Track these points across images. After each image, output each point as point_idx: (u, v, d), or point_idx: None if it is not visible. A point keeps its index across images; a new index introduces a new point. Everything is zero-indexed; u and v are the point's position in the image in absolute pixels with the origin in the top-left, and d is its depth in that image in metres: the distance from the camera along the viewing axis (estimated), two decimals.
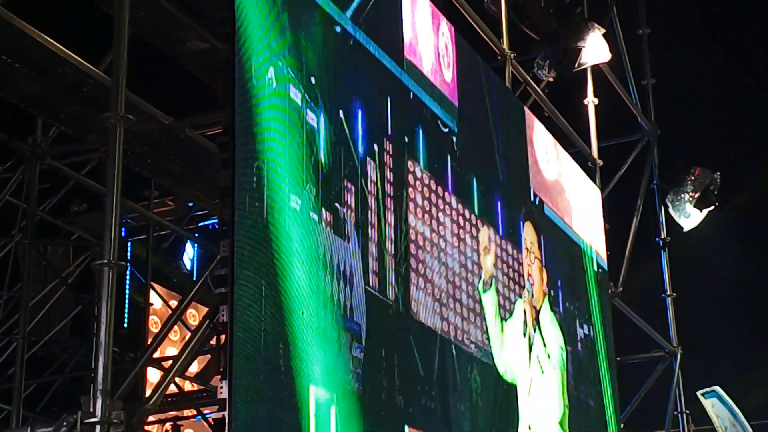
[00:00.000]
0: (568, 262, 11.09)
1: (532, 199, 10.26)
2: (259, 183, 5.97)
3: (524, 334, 9.51)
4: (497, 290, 9.06)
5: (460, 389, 8.06)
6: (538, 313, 9.89)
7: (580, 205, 11.73)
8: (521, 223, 9.92)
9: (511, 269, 9.45)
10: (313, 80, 6.61)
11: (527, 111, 10.61)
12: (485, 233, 9.03)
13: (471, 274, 8.62)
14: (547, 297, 10.12)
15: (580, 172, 11.84)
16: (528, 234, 10.02)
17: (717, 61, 17.60)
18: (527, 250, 9.90)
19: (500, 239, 9.32)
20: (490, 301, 8.97)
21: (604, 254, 12.20)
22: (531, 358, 9.59)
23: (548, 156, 10.88)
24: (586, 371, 10.95)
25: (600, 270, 12.01)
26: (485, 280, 8.93)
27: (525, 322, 9.54)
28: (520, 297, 9.51)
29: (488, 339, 8.75)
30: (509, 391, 9.01)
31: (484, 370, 8.55)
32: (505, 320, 9.14)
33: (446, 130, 8.58)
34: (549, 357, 10.04)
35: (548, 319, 10.14)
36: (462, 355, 8.17)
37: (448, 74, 8.78)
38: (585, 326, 11.17)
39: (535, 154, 10.55)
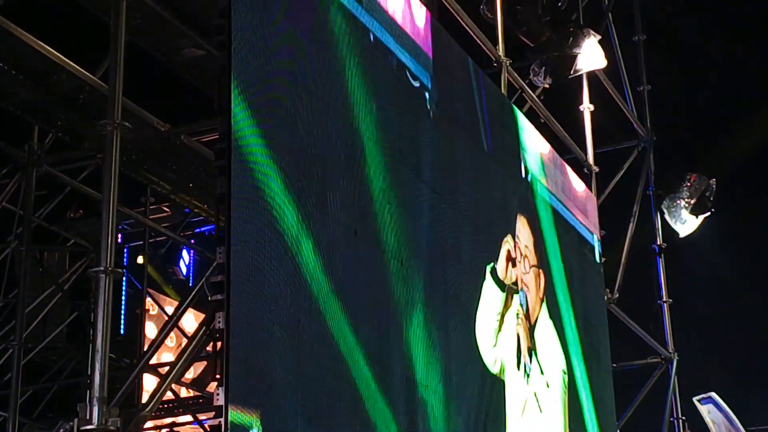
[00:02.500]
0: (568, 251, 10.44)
1: (523, 175, 9.50)
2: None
3: (518, 366, 8.58)
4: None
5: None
6: (533, 328, 9.06)
7: (576, 191, 11.41)
8: (514, 217, 9.05)
9: None
10: None
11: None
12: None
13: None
14: (544, 303, 9.47)
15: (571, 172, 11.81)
16: (522, 233, 9.10)
17: (713, 68, 17.63)
18: (521, 254, 8.99)
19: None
20: (496, 295, 8.28)
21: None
22: (527, 392, 8.77)
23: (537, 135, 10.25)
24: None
25: (602, 261, 11.91)
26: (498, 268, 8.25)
27: (519, 351, 8.57)
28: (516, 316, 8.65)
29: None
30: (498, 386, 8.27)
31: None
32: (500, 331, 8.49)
33: (417, 84, 7.61)
34: (548, 386, 9.08)
35: (547, 333, 9.34)
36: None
37: (421, 19, 7.61)
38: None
39: (527, 130, 9.74)
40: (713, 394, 13.95)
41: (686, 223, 14.03)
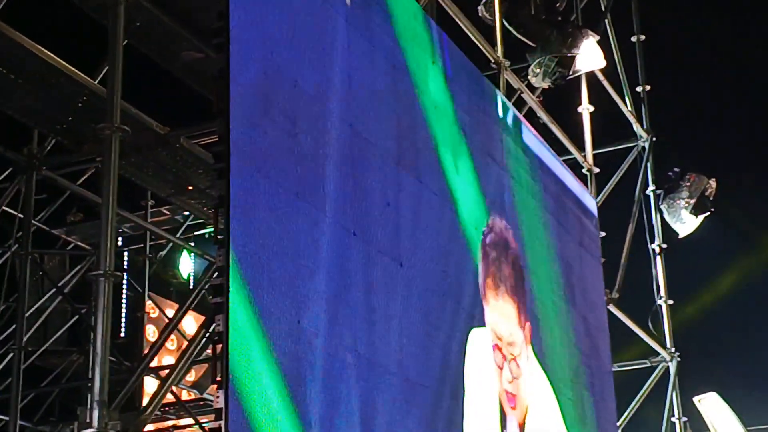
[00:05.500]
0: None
1: (501, 114, 8.60)
2: None
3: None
4: None
5: None
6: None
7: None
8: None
9: None
10: None
11: None
12: None
13: None
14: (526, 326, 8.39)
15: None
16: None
17: (712, 67, 17.64)
18: (504, 356, 7.36)
19: None
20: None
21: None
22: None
23: None
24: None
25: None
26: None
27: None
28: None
29: None
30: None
31: None
32: None
33: None
34: None
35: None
36: None
37: None
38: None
39: None
40: (714, 394, 13.95)
41: (686, 223, 14.02)
